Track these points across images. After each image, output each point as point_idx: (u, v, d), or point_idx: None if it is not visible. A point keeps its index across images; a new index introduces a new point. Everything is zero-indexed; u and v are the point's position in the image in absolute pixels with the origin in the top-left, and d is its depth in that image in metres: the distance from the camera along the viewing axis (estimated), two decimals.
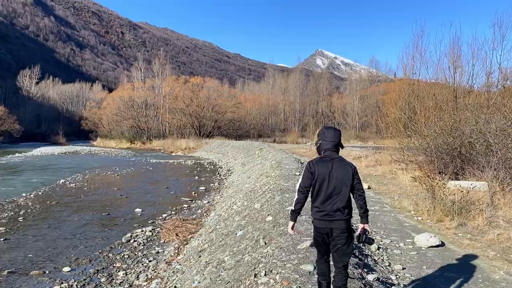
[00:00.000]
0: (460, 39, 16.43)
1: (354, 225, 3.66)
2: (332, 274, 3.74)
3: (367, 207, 3.72)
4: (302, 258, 4.95)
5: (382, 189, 12.89)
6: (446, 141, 13.42)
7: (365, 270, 5.22)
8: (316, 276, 3.85)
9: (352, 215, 3.69)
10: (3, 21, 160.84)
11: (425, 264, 5.94)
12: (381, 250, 6.61)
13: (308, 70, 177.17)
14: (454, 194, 8.98)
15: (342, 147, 3.81)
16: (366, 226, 3.69)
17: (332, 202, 3.55)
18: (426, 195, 9.59)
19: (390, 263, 6.01)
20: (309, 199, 3.71)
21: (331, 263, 3.75)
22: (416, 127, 15.49)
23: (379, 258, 6.22)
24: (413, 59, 18.93)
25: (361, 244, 3.69)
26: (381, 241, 7.16)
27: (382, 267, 5.81)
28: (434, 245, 6.73)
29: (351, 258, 5.12)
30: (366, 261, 5.76)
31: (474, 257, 6.29)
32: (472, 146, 12.54)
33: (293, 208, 3.77)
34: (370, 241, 3.67)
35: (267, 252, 5.48)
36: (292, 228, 3.89)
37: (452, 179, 12.17)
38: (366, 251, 6.42)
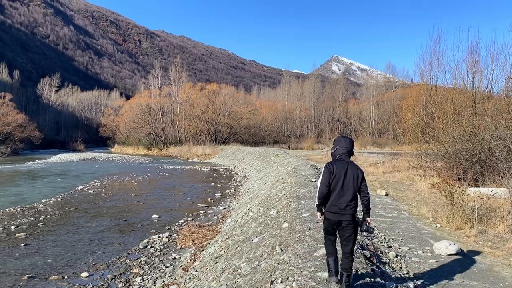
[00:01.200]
0: (478, 44, 16.15)
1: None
2: (339, 256, 4.42)
3: (370, 206, 4.39)
4: (319, 266, 4.91)
5: (399, 196, 12.73)
6: (465, 147, 13.20)
7: (383, 279, 5.16)
8: (326, 258, 4.52)
9: (357, 211, 4.33)
10: (24, 31, 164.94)
11: (445, 272, 5.83)
12: (399, 257, 6.52)
13: (323, 76, 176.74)
14: (474, 201, 8.82)
15: (353, 154, 4.52)
16: (368, 219, 4.34)
17: (343, 197, 4.21)
18: (445, 202, 9.43)
19: (408, 271, 5.92)
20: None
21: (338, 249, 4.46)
22: (434, 133, 15.28)
23: (397, 265, 6.13)
24: (431, 64, 18.69)
25: (364, 232, 4.38)
26: (399, 248, 7.06)
27: (400, 274, 5.72)
28: (453, 253, 6.60)
29: (368, 265, 5.10)
30: (384, 268, 5.70)
31: (495, 265, 6.15)
32: (492, 152, 12.30)
33: (317, 203, 4.40)
34: (371, 230, 4.31)
35: (283, 259, 5.46)
36: (320, 216, 4.51)
37: (472, 186, 11.96)
38: (384, 258, 6.34)
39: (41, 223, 12.46)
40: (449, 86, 17.70)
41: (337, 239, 4.46)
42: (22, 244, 10.01)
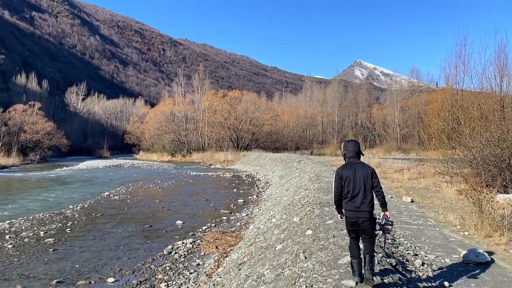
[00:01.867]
0: (506, 47, 15.61)
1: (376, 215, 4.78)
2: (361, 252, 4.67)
3: (385, 200, 4.68)
4: (343, 273, 4.87)
5: (425, 203, 12.47)
6: (493, 152, 12.85)
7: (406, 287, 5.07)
8: (350, 260, 4.67)
9: (374, 208, 4.62)
10: (53, 41, 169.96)
11: (474, 282, 5.67)
12: (425, 265, 6.38)
13: (346, 81, 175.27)
14: (504, 208, 8.57)
15: (363, 154, 4.86)
16: (386, 213, 4.69)
17: (358, 197, 4.52)
18: (472, 209, 9.19)
19: (435, 280, 5.79)
20: None
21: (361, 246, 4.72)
22: (460, 138, 14.94)
23: (423, 274, 6.01)
24: (456, 68, 18.31)
25: (383, 226, 4.65)
26: (426, 256, 6.91)
27: (427, 283, 5.60)
28: (483, 261, 6.42)
29: (394, 274, 5.00)
30: (410, 276, 5.59)
31: None
32: None
33: (335, 205, 4.82)
34: (389, 223, 4.63)
35: (307, 266, 5.43)
36: (341, 217, 4.87)
37: (501, 192, 11.62)
38: (410, 266, 6.23)
39: (69, 229, 12.76)
40: (475, 90, 17.30)
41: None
42: (51, 249, 10.27)
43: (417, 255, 6.97)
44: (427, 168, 19.38)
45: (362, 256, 4.59)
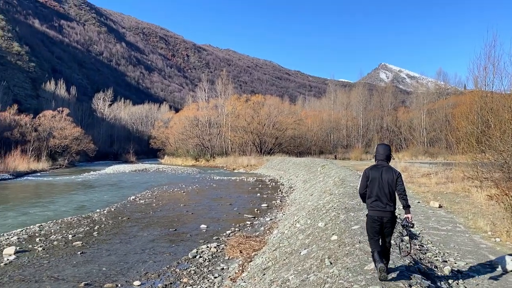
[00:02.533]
0: None
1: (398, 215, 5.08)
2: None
3: (408, 203, 4.85)
4: (370, 279, 4.78)
5: (454, 208, 12.16)
6: None
7: None
8: (371, 253, 4.88)
9: (397, 208, 4.91)
10: (80, 48, 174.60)
11: None
12: (455, 273, 6.21)
13: (371, 84, 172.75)
14: None
15: (392, 157, 5.18)
16: (408, 215, 4.82)
17: (382, 198, 4.80)
18: (504, 214, 8.89)
19: (465, 287, 5.62)
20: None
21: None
22: (490, 141, 14.51)
23: (453, 281, 5.84)
24: (485, 70, 17.78)
25: (404, 227, 4.85)
26: (455, 263, 6.73)
27: None
28: None
29: (422, 281, 4.85)
30: (439, 284, 5.45)
31: None
32: None
33: (360, 197, 5.22)
34: (410, 225, 4.79)
35: (333, 272, 5.36)
36: None
37: None
38: (439, 273, 6.07)
39: (96, 232, 13.01)
40: (506, 92, 16.79)
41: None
42: (79, 252, 10.49)
43: (446, 261, 6.79)
44: (455, 173, 18.91)
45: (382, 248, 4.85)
